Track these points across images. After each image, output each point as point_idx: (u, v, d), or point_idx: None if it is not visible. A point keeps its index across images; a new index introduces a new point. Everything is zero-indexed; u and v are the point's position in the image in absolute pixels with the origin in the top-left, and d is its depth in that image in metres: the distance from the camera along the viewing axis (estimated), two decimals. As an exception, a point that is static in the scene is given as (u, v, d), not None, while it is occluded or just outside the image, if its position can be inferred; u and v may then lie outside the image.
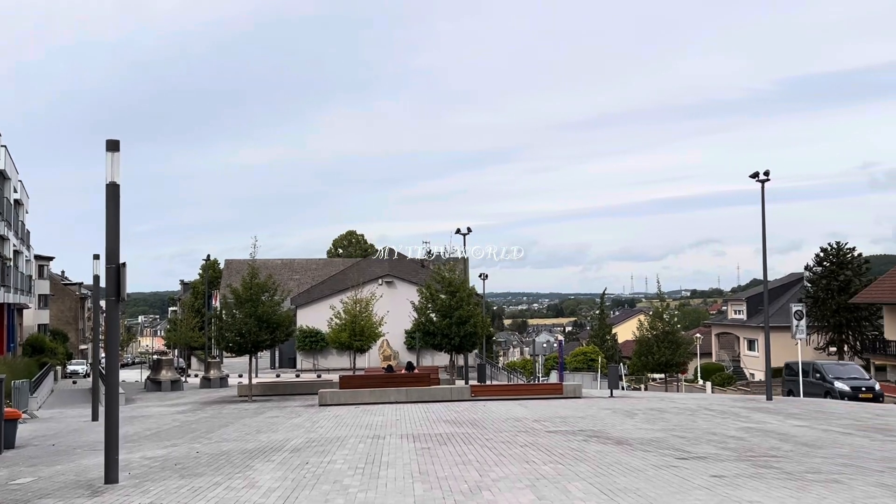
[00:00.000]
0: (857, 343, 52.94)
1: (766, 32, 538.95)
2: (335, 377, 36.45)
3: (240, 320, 30.48)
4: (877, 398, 31.49)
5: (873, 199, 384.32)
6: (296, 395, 31.64)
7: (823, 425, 17.61)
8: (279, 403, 27.62)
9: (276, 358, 65.46)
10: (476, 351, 47.23)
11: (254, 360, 33.20)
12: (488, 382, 41.39)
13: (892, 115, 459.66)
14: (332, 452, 13.42)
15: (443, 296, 38.35)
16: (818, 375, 33.79)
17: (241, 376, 50.71)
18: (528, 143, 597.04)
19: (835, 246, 56.04)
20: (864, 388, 31.93)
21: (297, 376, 54.88)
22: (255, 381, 33.58)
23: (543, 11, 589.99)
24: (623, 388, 47.70)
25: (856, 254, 55.70)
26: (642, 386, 56.03)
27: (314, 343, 63.10)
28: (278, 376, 54.78)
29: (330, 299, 53.10)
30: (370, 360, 53.44)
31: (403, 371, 31.66)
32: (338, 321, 39.01)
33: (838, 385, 32.29)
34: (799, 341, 33.49)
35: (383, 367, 39.03)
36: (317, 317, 59.16)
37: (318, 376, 51.84)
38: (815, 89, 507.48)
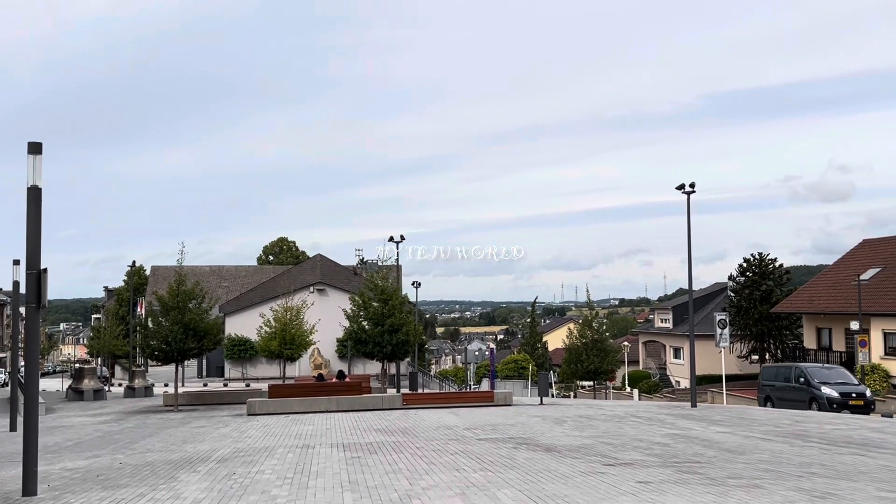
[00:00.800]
0: (778, 351, 54.57)
1: (692, 48, 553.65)
2: (264, 386, 35.96)
3: (166, 328, 29.85)
4: (867, 406, 28.84)
5: (794, 212, 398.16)
6: (223, 405, 31.12)
7: (745, 431, 18.09)
8: (206, 413, 27.12)
9: (204, 367, 64.22)
10: (408, 359, 47.14)
11: (180, 369, 32.53)
12: (420, 391, 41.37)
13: (811, 130, 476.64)
14: (260, 462, 13.24)
15: (375, 304, 38.17)
16: (802, 380, 30.43)
17: (166, 385, 49.60)
18: (463, 152, 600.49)
19: (757, 257, 57.73)
20: (853, 395, 29.05)
21: (225, 385, 53.94)
22: (181, 390, 32.90)
23: (479, 21, 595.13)
24: (553, 396, 48.24)
25: (777, 264, 57.49)
26: (572, 393, 56.77)
27: (243, 352, 62.12)
28: (205, 385, 53.76)
29: (260, 307, 52.35)
30: (301, 368, 52.86)
31: (334, 380, 31.45)
32: (267, 329, 38.46)
33: (826, 391, 29.11)
34: (723, 349, 34.36)
35: (314, 376, 38.67)
36: (246, 325, 58.26)
37: (247, 385, 51.03)
38: (739, 105, 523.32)
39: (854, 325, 38.49)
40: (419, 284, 49.03)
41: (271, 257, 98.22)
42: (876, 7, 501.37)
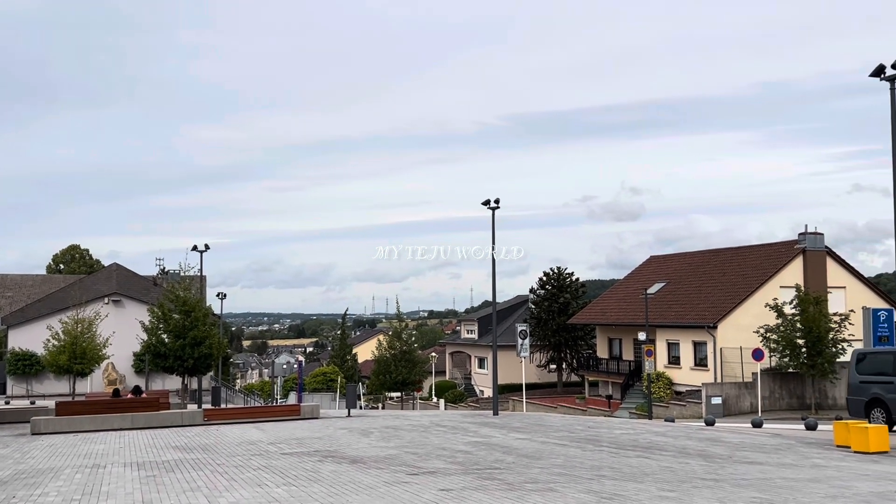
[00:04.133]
0: (574, 360, 57.49)
1: (496, 71, 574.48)
2: (52, 403, 33.48)
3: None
4: None
5: (590, 230, 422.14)
6: (4, 424, 28.62)
7: (542, 438, 18.88)
8: (-17, 434, 24.84)
9: (-18, 384, 58.92)
10: (211, 373, 45.59)
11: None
12: (223, 406, 40.05)
13: (607, 154, 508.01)
14: (45, 484, 12.28)
15: (176, 315, 36.70)
16: None
17: (-63, 405, 45.05)
18: (271, 161, 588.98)
19: (556, 271, 60.68)
20: None
21: (7, 403, 49.71)
22: (-46, 410, 29.97)
23: (288, 30, 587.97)
24: (361, 408, 48.22)
25: (574, 278, 60.72)
26: (380, 405, 56.98)
27: (28, 367, 57.52)
28: (-16, 404, 49.32)
29: (48, 319, 48.70)
30: (93, 384, 49.71)
31: (130, 396, 29.79)
32: (56, 342, 35.98)
33: None
34: (523, 359, 35.73)
35: (109, 392, 36.48)
36: (32, 338, 54.02)
37: (32, 403, 47.29)
38: (540, 127, 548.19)
39: (641, 336, 41.24)
40: (224, 296, 47.57)
41: (62, 266, 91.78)
42: (664, 43, 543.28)
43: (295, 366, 61.57)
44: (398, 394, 57.65)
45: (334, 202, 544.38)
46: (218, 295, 47.72)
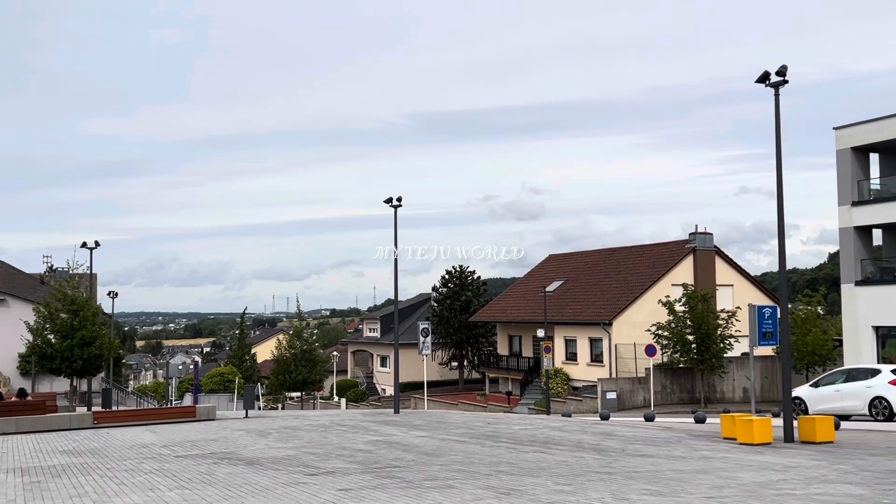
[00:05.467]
0: (475, 358, 58.07)
1: (397, 70, 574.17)
2: (-73, 409, 31.62)
3: None
4: None
5: (492, 229, 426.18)
6: None
7: (442, 435, 18.99)
8: None
9: None
10: (102, 375, 43.99)
11: None
12: (115, 408, 38.70)
13: (508, 154, 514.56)
14: (-84, 496, 11.59)
15: (64, 315, 35.28)
16: None
17: None
18: (166, 156, 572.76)
19: (458, 269, 61.14)
20: None
21: None
22: None
23: (187, 23, 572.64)
24: (260, 408, 47.43)
25: (476, 277, 61.30)
26: (280, 405, 56.19)
27: None
28: None
29: (-76, 319, 46.03)
30: (-26, 387, 47.21)
31: (14, 399, 28.45)
32: (-68, 344, 33.98)
33: None
34: (425, 357, 35.83)
35: (-10, 396, 34.70)
36: None
37: None
38: (441, 126, 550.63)
39: (540, 333, 41.97)
40: (116, 294, 45.94)
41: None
42: (563, 46, 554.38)
43: (191, 366, 60.03)
44: (298, 394, 56.97)
45: (233, 198, 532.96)
46: (109, 294, 46.07)
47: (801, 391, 25.88)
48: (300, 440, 18.21)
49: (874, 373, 23.90)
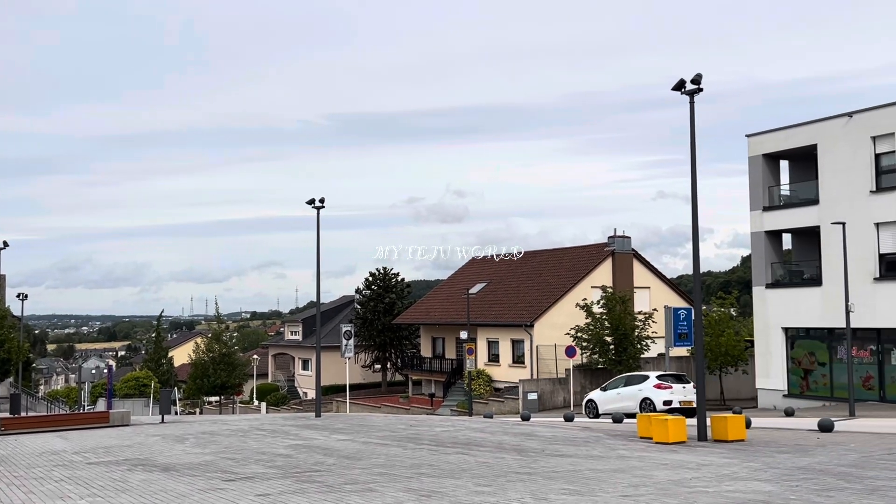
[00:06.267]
0: (399, 360, 57.97)
1: (318, 70, 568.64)
2: None
3: None
4: None
5: (416, 231, 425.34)
6: None
7: (364, 438, 18.91)
8: None
9: None
10: (10, 379, 42.41)
11: None
12: (24, 414, 37.30)
13: (432, 157, 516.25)
14: None
15: (-30, 318, 33.90)
16: None
17: None
18: (80, 154, 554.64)
19: (382, 271, 60.95)
20: None
21: None
22: None
23: (103, 17, 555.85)
24: (177, 413, 46.40)
25: (400, 279, 61.22)
26: (197, 410, 55.05)
27: None
28: None
29: None
30: None
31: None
32: None
33: None
34: (347, 360, 35.63)
35: None
36: None
37: None
38: (363, 127, 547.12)
39: (463, 335, 42.16)
40: (26, 296, 44.33)
41: None
42: (486, 50, 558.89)
43: (105, 370, 58.25)
44: (217, 398, 55.96)
45: (150, 198, 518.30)
46: (19, 296, 44.42)
47: (594, 395, 30.31)
48: (218, 445, 17.88)
49: (644, 379, 28.25)
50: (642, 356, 39.52)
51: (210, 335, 57.33)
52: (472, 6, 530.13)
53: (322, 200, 29.56)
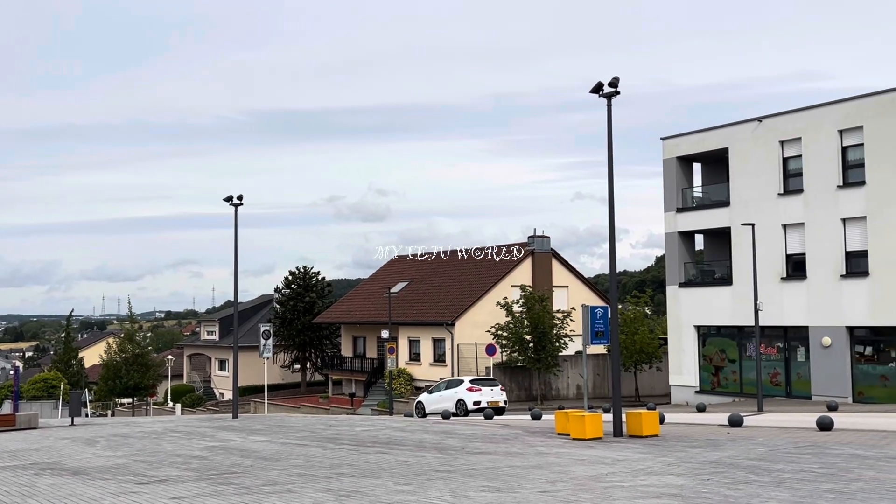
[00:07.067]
0: (319, 360, 57.44)
1: (237, 66, 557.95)
2: None
3: None
4: None
5: (338, 229, 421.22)
6: None
7: (283, 439, 18.67)
8: None
9: None
10: None
11: None
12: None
13: (354, 155, 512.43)
14: None
15: None
16: None
17: None
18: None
19: (302, 270, 60.28)
20: None
21: None
22: None
23: (14, 9, 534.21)
24: (87, 416, 45.00)
25: (320, 278, 60.65)
26: (109, 412, 53.49)
27: None
28: None
29: None
30: None
31: None
32: None
33: None
34: (266, 360, 35.14)
35: None
36: None
37: None
38: (284, 124, 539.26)
39: (384, 334, 42.05)
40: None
41: None
42: (407, 49, 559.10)
43: (11, 372, 56.09)
44: (130, 400, 54.52)
45: (59, 194, 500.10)
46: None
47: (422, 397, 32.95)
48: (131, 448, 17.40)
49: (460, 383, 31.43)
50: (560, 354, 40.15)
51: (122, 335, 55.82)
52: (392, 5, 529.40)
53: (240, 197, 29.07)
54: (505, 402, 31.20)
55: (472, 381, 31.35)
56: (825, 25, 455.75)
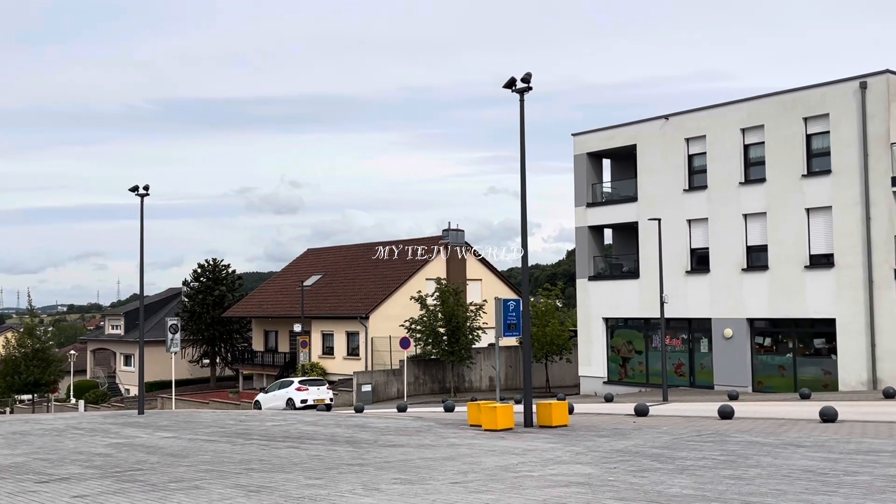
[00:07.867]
0: (229, 354, 56.46)
1: (142, 53, 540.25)
2: None
3: None
4: None
5: (249, 221, 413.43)
6: None
7: (191, 435, 18.29)
8: None
9: None
10: None
11: None
12: None
13: (266, 146, 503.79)
14: None
15: None
16: None
17: None
18: None
19: (212, 263, 59.05)
20: None
21: None
22: None
23: None
24: (-17, 414, 43.15)
25: (231, 270, 59.54)
26: (8, 409, 51.43)
27: None
28: None
29: None
30: None
31: None
32: None
33: None
34: (173, 354, 34.30)
35: None
36: None
37: None
38: (191, 114, 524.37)
39: (297, 328, 41.66)
40: None
41: None
42: (317, 39, 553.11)
43: None
44: (30, 396, 52.54)
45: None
46: None
47: (259, 396, 36.55)
48: (30, 446, 16.76)
49: (291, 383, 35.12)
50: (474, 346, 40.50)
51: (22, 329, 53.78)
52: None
53: (146, 188, 28.25)
54: (331, 399, 34.65)
55: (300, 382, 35.18)
56: (725, 25, 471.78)
